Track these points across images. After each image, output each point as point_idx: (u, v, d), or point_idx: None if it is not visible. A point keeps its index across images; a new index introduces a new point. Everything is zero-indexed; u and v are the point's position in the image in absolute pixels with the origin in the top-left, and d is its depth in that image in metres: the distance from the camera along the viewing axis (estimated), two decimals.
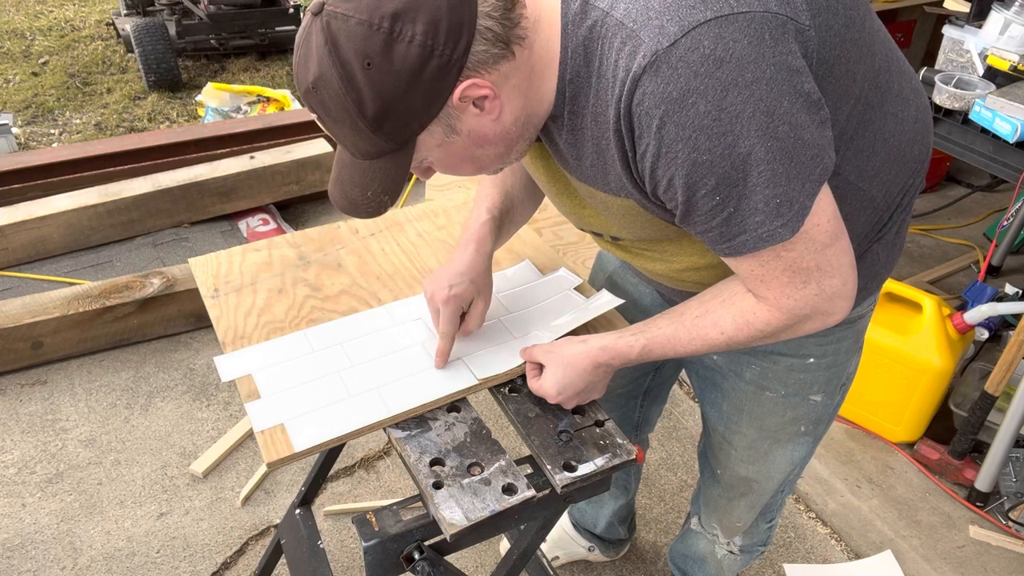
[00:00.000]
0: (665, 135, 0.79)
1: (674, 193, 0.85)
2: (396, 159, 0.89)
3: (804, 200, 0.83)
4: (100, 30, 5.64)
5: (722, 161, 0.79)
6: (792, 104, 0.79)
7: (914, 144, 1.02)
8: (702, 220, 0.86)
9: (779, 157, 0.80)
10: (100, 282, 2.57)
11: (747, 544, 1.51)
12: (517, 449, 2.16)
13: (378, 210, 0.94)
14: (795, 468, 1.35)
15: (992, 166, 1.97)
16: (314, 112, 0.87)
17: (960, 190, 3.50)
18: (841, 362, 1.21)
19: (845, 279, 0.91)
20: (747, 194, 0.82)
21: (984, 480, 2.04)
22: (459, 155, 0.92)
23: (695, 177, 0.81)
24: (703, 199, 0.83)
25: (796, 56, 0.80)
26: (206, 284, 1.34)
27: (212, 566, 1.92)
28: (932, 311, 2.11)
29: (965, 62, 2.17)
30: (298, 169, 3.21)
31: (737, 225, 0.85)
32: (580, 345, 1.10)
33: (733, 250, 0.88)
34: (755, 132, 0.78)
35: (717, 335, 0.99)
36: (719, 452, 1.37)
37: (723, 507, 1.45)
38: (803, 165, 0.81)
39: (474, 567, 1.94)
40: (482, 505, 1.01)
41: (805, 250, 0.86)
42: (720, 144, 0.78)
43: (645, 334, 1.06)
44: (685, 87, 0.76)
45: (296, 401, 1.12)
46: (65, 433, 2.26)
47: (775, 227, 0.84)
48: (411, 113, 0.84)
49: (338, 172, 0.94)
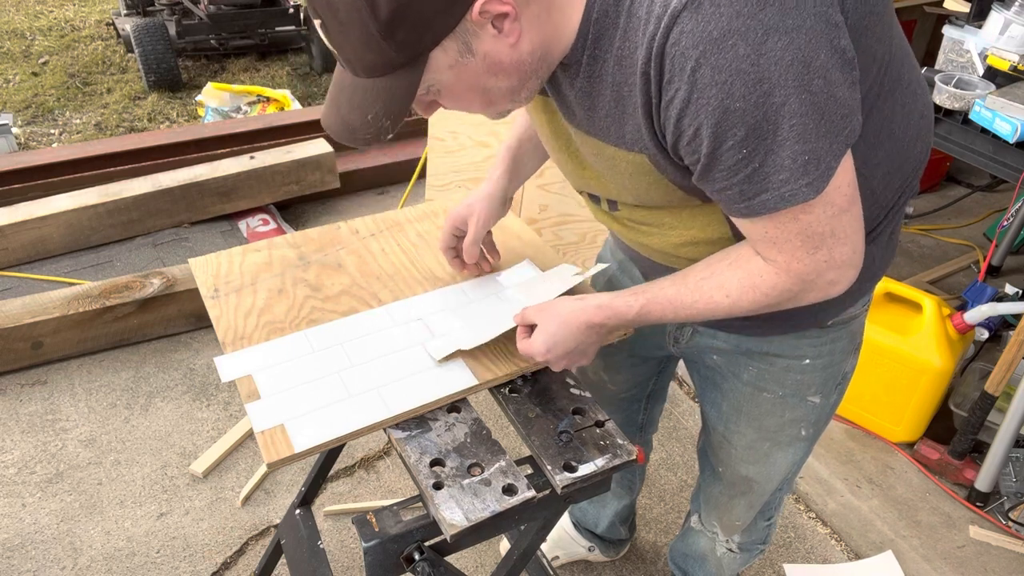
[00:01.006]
0: (699, 78, 0.76)
1: (698, 145, 0.81)
2: (404, 77, 0.83)
3: (831, 160, 0.81)
4: (100, 30, 5.64)
5: (755, 110, 0.76)
6: (828, 58, 0.76)
7: (917, 141, 1.01)
8: (723, 176, 0.83)
9: (812, 111, 0.77)
10: (100, 282, 2.57)
11: (746, 542, 1.52)
12: (517, 449, 2.16)
13: (376, 136, 0.88)
14: (793, 468, 1.36)
15: (992, 166, 1.97)
16: (319, 17, 0.81)
17: (960, 190, 3.50)
18: (837, 362, 1.21)
19: (855, 247, 0.89)
20: (775, 148, 0.79)
21: (984, 480, 2.04)
22: (470, 82, 0.87)
23: (724, 126, 0.78)
24: (729, 151, 0.80)
25: (836, 10, 0.78)
26: (206, 284, 1.34)
27: (212, 566, 1.93)
28: (932, 311, 2.11)
29: (965, 62, 2.17)
30: (298, 169, 3.21)
31: (760, 183, 0.82)
32: (576, 302, 1.08)
33: (751, 210, 0.85)
34: (792, 82, 0.75)
35: (721, 298, 0.96)
36: (720, 450, 1.37)
37: (723, 505, 1.45)
38: (833, 123, 0.79)
39: (474, 567, 1.94)
40: (482, 506, 1.01)
41: (823, 213, 0.84)
42: (756, 91, 0.75)
43: (645, 294, 1.03)
44: (726, 27, 0.73)
45: (296, 401, 1.12)
46: (65, 433, 2.26)
47: (799, 186, 0.81)
48: (426, 22, 0.79)
49: (335, 96, 0.88)
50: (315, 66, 5.06)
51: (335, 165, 3.30)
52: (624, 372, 1.51)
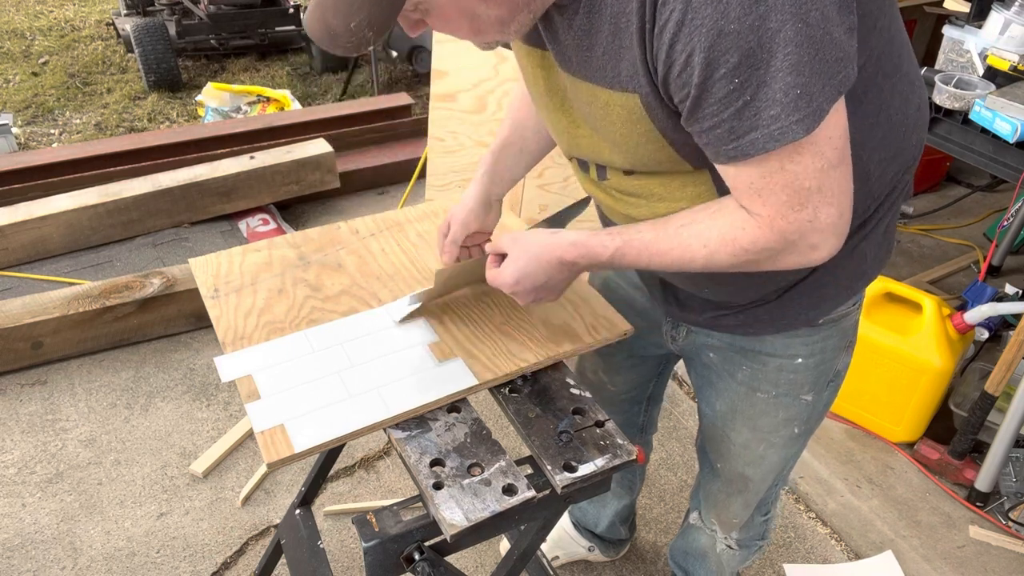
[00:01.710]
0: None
1: (690, 75, 0.79)
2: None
3: (822, 101, 0.78)
4: (100, 30, 5.64)
5: (749, 34, 0.75)
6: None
7: (913, 132, 1.01)
8: (713, 111, 0.81)
9: (807, 44, 0.75)
10: (100, 282, 2.57)
11: (745, 538, 1.52)
12: (517, 449, 2.16)
13: (357, 47, 0.85)
14: (787, 464, 1.36)
15: (992, 166, 1.97)
16: None
17: (960, 190, 3.50)
18: (828, 359, 1.21)
19: (842, 212, 0.87)
20: (767, 80, 0.77)
21: (984, 480, 2.04)
22: (460, 5, 0.85)
23: (717, 51, 0.76)
24: (720, 81, 0.78)
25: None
26: (206, 284, 1.34)
27: (212, 566, 1.93)
28: (932, 311, 2.11)
29: (965, 62, 2.17)
30: (298, 169, 3.21)
31: (750, 119, 0.80)
32: (550, 236, 1.06)
33: (740, 151, 0.82)
34: (789, 8, 0.74)
35: (699, 247, 0.94)
36: (720, 446, 1.38)
37: (721, 502, 1.46)
38: (827, 63, 0.77)
39: (474, 567, 1.94)
40: (482, 506, 1.01)
41: (811, 164, 0.82)
42: (751, 14, 0.74)
43: (621, 236, 1.00)
44: None
45: (296, 401, 1.12)
46: (65, 433, 2.26)
47: (790, 122, 0.79)
48: None
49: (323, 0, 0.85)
50: (315, 66, 5.06)
51: (335, 165, 3.30)
52: (624, 373, 1.51)
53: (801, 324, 1.15)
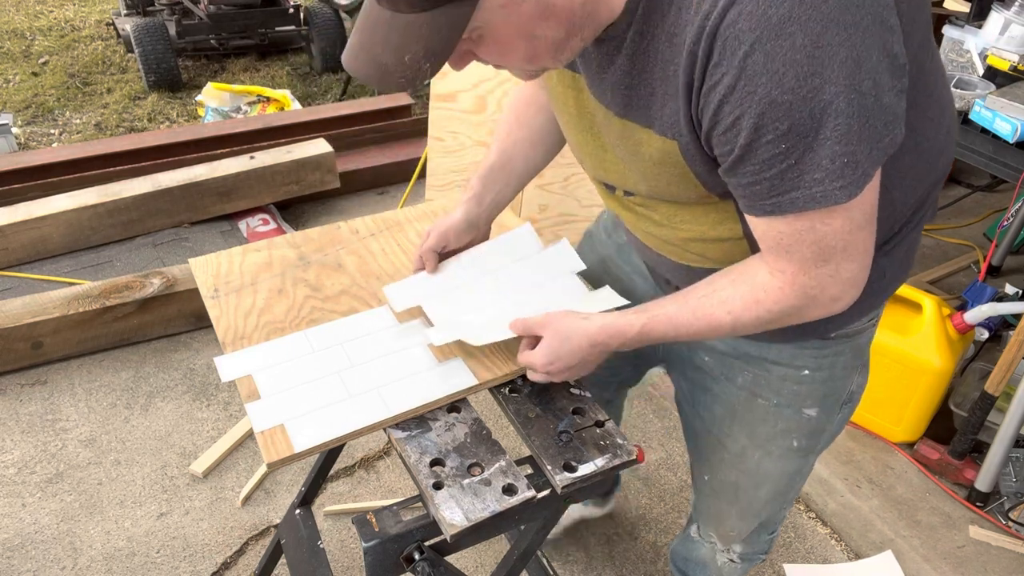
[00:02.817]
0: (749, 64, 0.74)
1: (735, 134, 0.79)
2: (453, 12, 0.77)
3: (868, 166, 0.79)
4: (100, 30, 5.64)
5: (802, 104, 0.74)
6: (880, 61, 0.75)
7: (941, 155, 0.99)
8: (755, 170, 0.81)
9: (858, 113, 0.75)
10: (100, 282, 2.57)
11: (747, 552, 1.49)
12: (517, 449, 2.16)
13: (413, 80, 0.80)
14: (789, 482, 1.31)
15: (992, 166, 1.97)
16: None
17: (960, 190, 3.50)
18: (838, 376, 1.18)
19: (862, 266, 0.89)
20: (815, 147, 0.76)
21: (984, 480, 2.04)
22: (519, 26, 0.81)
23: (768, 118, 0.76)
24: (767, 145, 0.78)
25: (892, 13, 0.76)
26: (206, 284, 1.34)
27: (212, 566, 1.93)
28: (932, 311, 2.11)
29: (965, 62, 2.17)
30: (298, 169, 3.21)
31: (792, 180, 0.79)
32: (580, 320, 1.08)
33: (777, 207, 0.82)
34: (843, 80, 0.73)
35: (723, 315, 0.96)
36: (712, 455, 1.34)
37: (715, 515, 1.43)
38: (876, 129, 0.77)
39: (474, 567, 1.94)
40: (482, 505, 1.01)
41: (842, 227, 0.83)
42: (806, 85, 0.73)
43: (647, 312, 1.03)
44: (787, 13, 0.71)
45: (296, 401, 1.12)
46: (65, 433, 2.26)
47: (833, 187, 0.78)
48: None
49: (367, 36, 0.81)
50: (315, 66, 5.06)
51: (335, 165, 3.30)
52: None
53: (812, 335, 1.12)
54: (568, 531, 2.05)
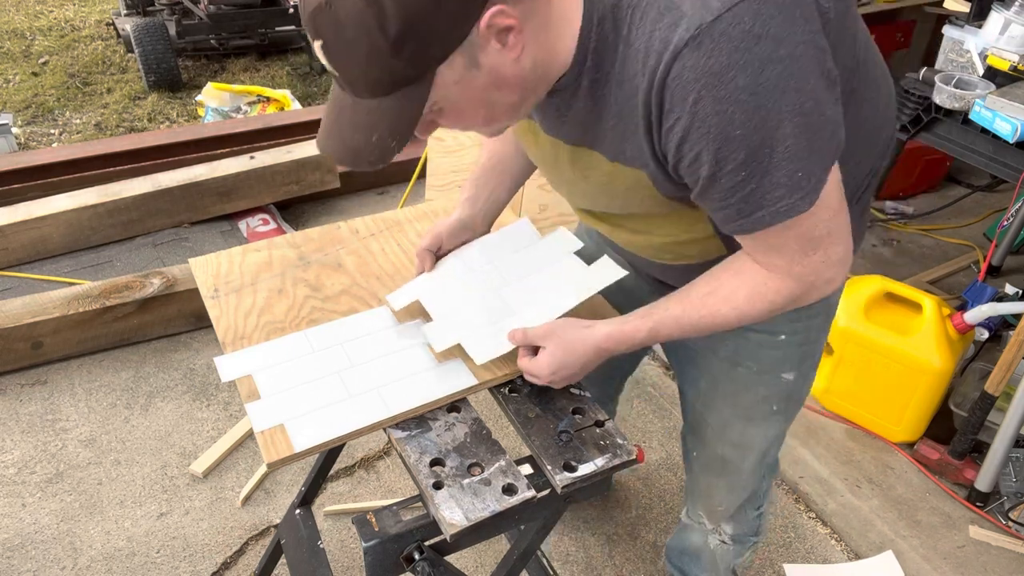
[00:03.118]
0: (700, 109, 0.80)
1: (698, 167, 0.85)
2: (410, 94, 0.82)
3: (821, 174, 0.86)
4: (100, 30, 5.64)
5: (753, 135, 0.81)
6: (818, 81, 0.82)
7: (883, 128, 1.06)
8: (721, 196, 0.87)
9: (804, 132, 0.82)
10: (100, 282, 2.57)
11: (738, 533, 1.53)
12: (517, 449, 2.16)
13: (382, 158, 0.86)
14: (769, 447, 1.37)
15: (992, 166, 1.97)
16: (320, 37, 0.79)
17: (960, 190, 3.50)
18: (813, 339, 1.23)
19: (847, 245, 0.95)
20: (771, 169, 0.83)
21: (984, 480, 2.04)
22: (475, 96, 0.87)
23: (724, 152, 0.82)
24: (729, 174, 0.84)
25: (822, 36, 0.82)
26: (206, 284, 1.34)
27: (212, 566, 1.93)
28: (932, 311, 2.11)
29: (965, 62, 2.17)
30: (298, 169, 3.21)
31: (756, 201, 0.86)
32: (584, 330, 1.10)
33: (750, 226, 0.89)
34: (787, 107, 0.80)
35: (728, 310, 1.00)
36: (697, 430, 1.39)
37: (703, 490, 1.47)
38: (823, 140, 0.84)
39: (474, 567, 1.94)
40: (482, 505, 1.01)
41: (819, 218, 0.89)
42: (754, 118, 0.80)
43: (652, 316, 1.06)
44: (726, 62, 0.77)
45: (296, 401, 1.12)
46: (65, 433, 2.26)
47: (794, 200, 0.86)
48: (435, 35, 0.78)
49: (335, 119, 0.87)
50: (315, 66, 5.06)
51: (335, 165, 3.30)
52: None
53: None
54: (568, 531, 2.05)
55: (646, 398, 2.49)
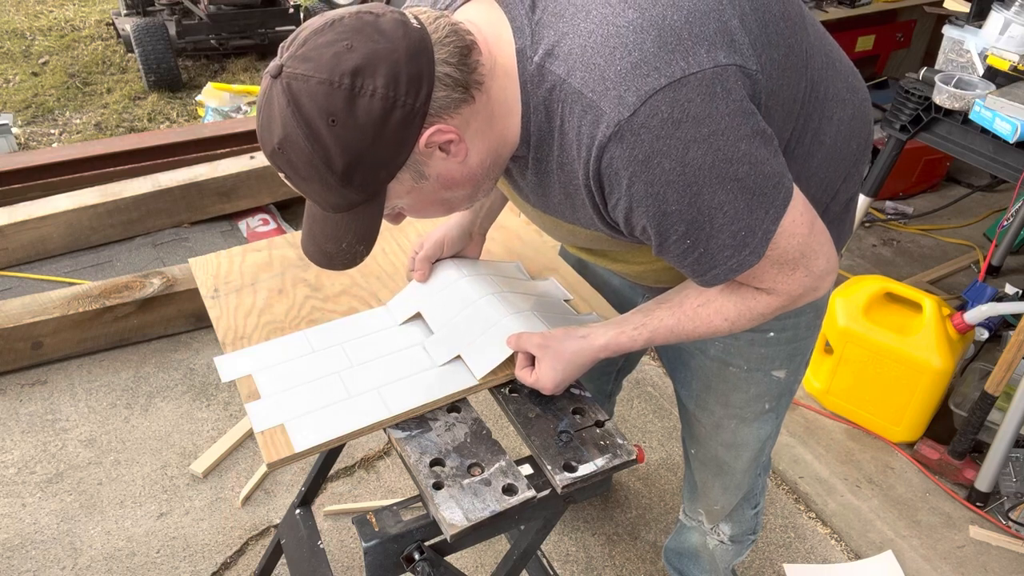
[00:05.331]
0: (635, 192, 0.85)
1: (647, 237, 0.91)
2: (368, 209, 0.90)
3: (768, 225, 0.89)
4: (100, 30, 5.64)
5: (689, 209, 0.85)
6: (749, 145, 0.84)
7: (851, 139, 1.07)
8: (675, 260, 0.93)
9: (741, 195, 0.85)
10: (100, 282, 2.57)
11: (736, 533, 1.53)
12: (517, 449, 2.16)
13: (353, 261, 0.95)
14: (762, 446, 1.38)
15: (992, 166, 1.97)
16: (281, 171, 0.87)
17: (960, 190, 3.50)
18: (802, 336, 1.24)
19: (828, 256, 0.97)
20: (714, 234, 0.87)
21: (984, 480, 2.04)
22: (429, 199, 0.94)
23: (665, 226, 0.87)
24: (675, 243, 0.89)
25: (746, 100, 0.85)
26: (206, 284, 1.34)
27: (212, 566, 1.93)
28: (932, 311, 2.11)
29: (965, 62, 2.17)
30: None
31: (708, 262, 0.91)
32: (581, 341, 1.12)
33: (710, 281, 0.95)
34: (716, 180, 0.83)
35: (720, 321, 1.03)
36: (694, 429, 1.41)
37: (699, 489, 1.48)
38: (765, 195, 0.87)
39: (474, 567, 1.94)
40: (482, 505, 1.01)
41: (788, 245, 0.92)
42: (687, 195, 0.84)
43: (647, 327, 1.09)
44: (649, 150, 0.81)
45: (296, 401, 1.12)
46: (65, 433, 2.26)
47: (743, 256, 0.90)
48: (379, 163, 0.85)
49: (310, 226, 0.95)
50: None
51: None
52: None
53: None
54: (568, 531, 2.05)
55: (646, 398, 2.49)
